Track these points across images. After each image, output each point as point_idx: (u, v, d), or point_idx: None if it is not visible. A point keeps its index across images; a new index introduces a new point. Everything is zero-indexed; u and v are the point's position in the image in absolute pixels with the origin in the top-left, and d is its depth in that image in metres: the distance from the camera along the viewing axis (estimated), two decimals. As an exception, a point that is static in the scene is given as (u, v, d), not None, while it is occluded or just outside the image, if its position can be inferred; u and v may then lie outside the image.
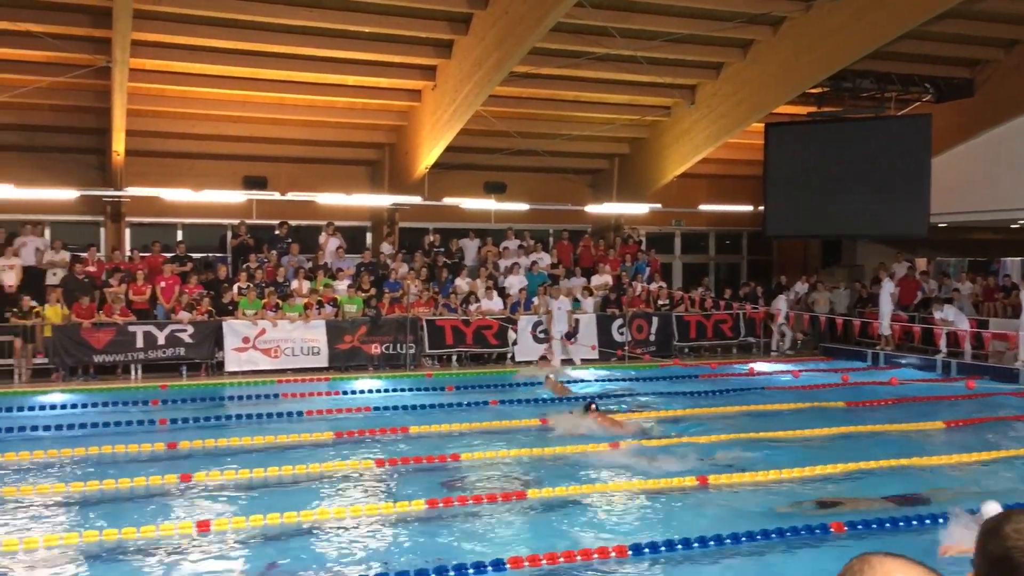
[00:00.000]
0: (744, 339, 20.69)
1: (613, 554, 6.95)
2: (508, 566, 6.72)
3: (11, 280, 16.90)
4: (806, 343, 21.00)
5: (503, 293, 19.32)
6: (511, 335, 18.43)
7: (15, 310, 15.85)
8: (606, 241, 22.91)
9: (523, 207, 21.60)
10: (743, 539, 7.26)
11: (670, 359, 19.17)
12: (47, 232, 18.92)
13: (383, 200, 20.84)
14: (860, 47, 17.43)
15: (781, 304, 20.54)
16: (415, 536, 7.67)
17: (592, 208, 22.75)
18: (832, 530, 7.52)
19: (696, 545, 7.15)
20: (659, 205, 22.73)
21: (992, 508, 6.07)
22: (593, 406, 11.84)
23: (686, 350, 20.09)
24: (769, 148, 21.41)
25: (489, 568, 6.68)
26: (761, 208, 22.34)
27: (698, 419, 12.77)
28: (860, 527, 7.59)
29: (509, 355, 18.55)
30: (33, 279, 17.11)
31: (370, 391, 15.24)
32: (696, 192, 23.67)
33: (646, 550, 7.02)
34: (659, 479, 9.26)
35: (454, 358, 18.37)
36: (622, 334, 19.35)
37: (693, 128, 20.76)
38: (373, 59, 17.72)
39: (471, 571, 6.64)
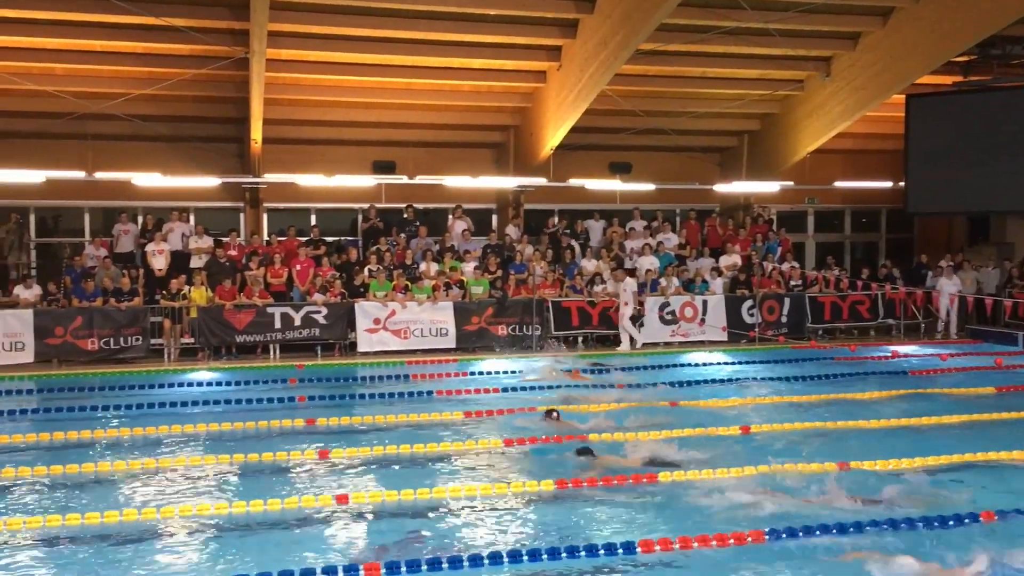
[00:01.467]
0: (883, 321, 19.81)
1: (749, 539, 6.79)
2: (639, 549, 6.66)
3: (160, 264, 17.83)
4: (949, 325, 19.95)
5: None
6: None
7: (164, 292, 16.74)
8: (735, 221, 22.35)
9: (649, 187, 21.29)
10: (885, 526, 6.98)
11: (806, 341, 18.55)
12: (192, 218, 19.87)
13: (508, 182, 20.93)
14: (1010, 11, 16.34)
15: (949, 286, 19.45)
16: (544, 516, 7.69)
17: (720, 187, 22.23)
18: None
19: (834, 531, 6.91)
20: (791, 183, 22.00)
21: None
22: (555, 414, 11.27)
23: (820, 332, 19.41)
24: (911, 121, 20.41)
25: (620, 550, 6.63)
26: (902, 184, 21.33)
27: (840, 404, 12.32)
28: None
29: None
30: (179, 263, 18.00)
31: (497, 372, 15.37)
32: (831, 168, 22.77)
33: (783, 535, 6.82)
34: (793, 462, 8.97)
35: (580, 339, 18.34)
36: (752, 316, 18.86)
37: (828, 102, 19.96)
38: (499, 41, 17.81)
39: (602, 552, 6.61)
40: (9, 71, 16.82)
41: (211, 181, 19.19)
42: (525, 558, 6.46)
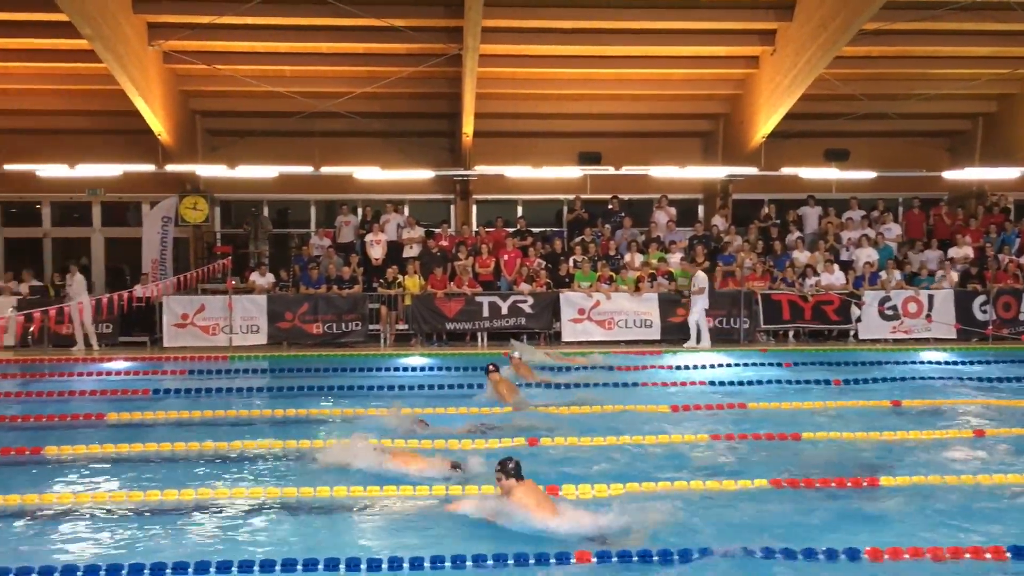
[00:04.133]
0: None
1: (988, 555, 6.26)
2: (865, 556, 6.29)
3: (377, 254, 18.76)
4: None
5: (846, 267, 18.19)
6: (855, 311, 17.31)
7: (382, 281, 17.60)
8: (966, 210, 20.71)
9: (868, 175, 20.12)
10: None
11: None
12: (406, 210, 20.77)
13: (717, 172, 20.43)
14: None
15: None
16: (757, 514, 7.41)
17: (950, 174, 20.66)
18: None
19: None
20: (1033, 168, 20.15)
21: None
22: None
23: (1065, 332, 17.66)
24: None
25: (842, 556, 6.30)
26: None
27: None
28: None
29: (852, 332, 17.45)
30: (394, 253, 18.87)
31: (703, 365, 15.05)
32: (1080, 152, 20.64)
33: (1027, 554, 6.24)
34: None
35: (791, 334, 17.64)
36: (985, 312, 17.43)
37: (1080, 78, 18.13)
38: (710, 28, 17.44)
39: (821, 557, 6.30)
40: (246, 74, 18.23)
41: (425, 174, 19.97)
42: (757, 555, 6.27)
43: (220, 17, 16.19)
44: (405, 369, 14.69)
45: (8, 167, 19.03)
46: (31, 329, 15.19)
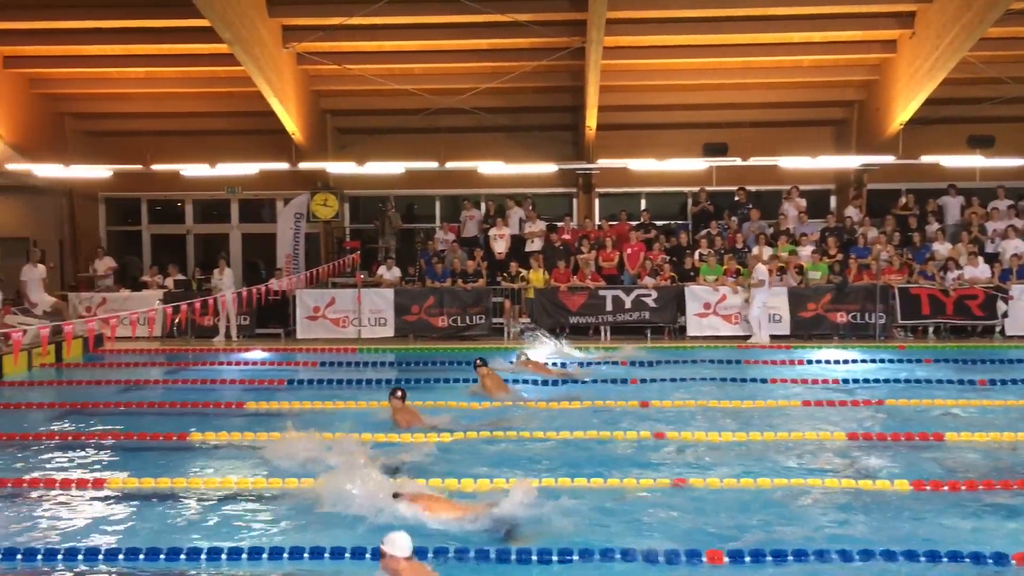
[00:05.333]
0: None
1: None
2: (1013, 562, 5.95)
3: (501, 248, 18.92)
4: None
5: (991, 259, 17.22)
6: (1001, 306, 16.37)
7: (505, 275, 17.74)
8: (1125, 198, 19.28)
9: (1015, 162, 18.96)
10: None
11: None
12: (529, 204, 20.83)
13: (851, 161, 19.68)
14: None
15: None
16: (894, 517, 7.10)
17: (1106, 160, 19.27)
18: None
19: None
20: None
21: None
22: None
23: None
24: None
25: (989, 560, 5.98)
26: None
27: None
28: None
29: (998, 328, 16.52)
30: (517, 247, 18.98)
31: (836, 361, 14.54)
32: None
33: None
34: None
35: (930, 329, 16.84)
36: None
37: None
38: (843, 11, 16.81)
39: (967, 561, 6.00)
40: (375, 73, 18.68)
41: (548, 168, 20.00)
42: (879, 557, 6.02)
43: (350, 18, 16.63)
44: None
45: (155, 167, 20.10)
46: (176, 321, 15.99)
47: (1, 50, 18.68)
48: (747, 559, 6.05)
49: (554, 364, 13.79)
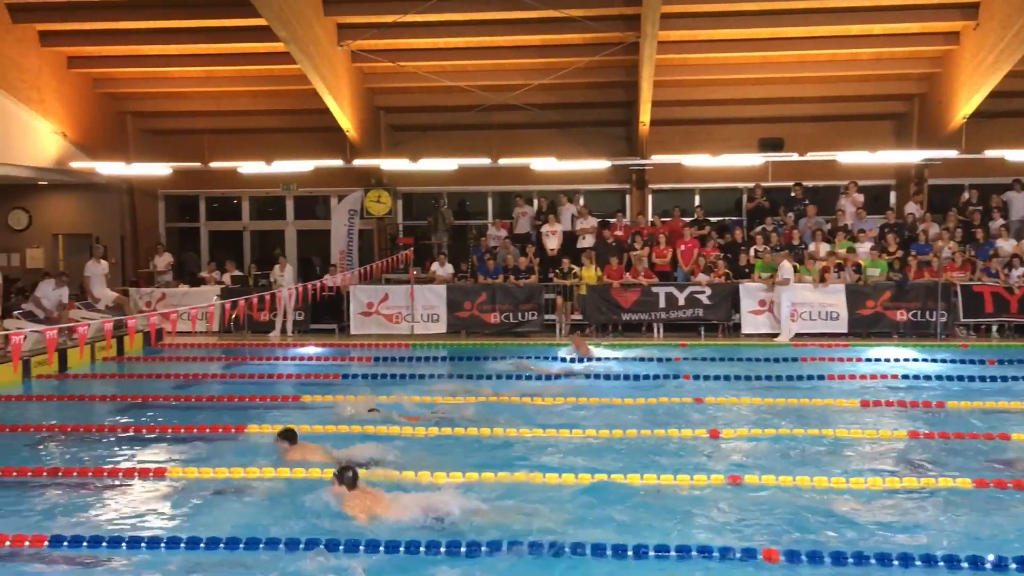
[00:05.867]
0: None
1: None
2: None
3: (553, 244, 18.88)
4: None
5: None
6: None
7: (557, 271, 17.71)
8: None
9: (1087, 155, 18.39)
10: None
11: None
12: (580, 200, 20.80)
13: (911, 156, 19.24)
14: None
15: None
16: (956, 518, 6.94)
17: None
18: None
19: None
20: None
21: None
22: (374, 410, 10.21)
23: None
24: None
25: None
26: None
27: None
28: None
29: (1066, 328, 16.06)
30: (569, 243, 18.92)
31: (895, 359, 14.26)
32: None
33: None
34: None
35: (994, 328, 16.41)
36: None
37: None
38: (904, 3, 16.42)
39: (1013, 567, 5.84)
40: (428, 70, 18.76)
41: (600, 164, 19.90)
42: (941, 564, 5.89)
43: (404, 16, 16.72)
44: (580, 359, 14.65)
45: (213, 165, 20.45)
46: (234, 316, 16.25)
47: (66, 51, 19.16)
48: (804, 559, 5.96)
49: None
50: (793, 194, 19.27)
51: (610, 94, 20.10)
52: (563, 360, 14.27)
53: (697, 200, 20.88)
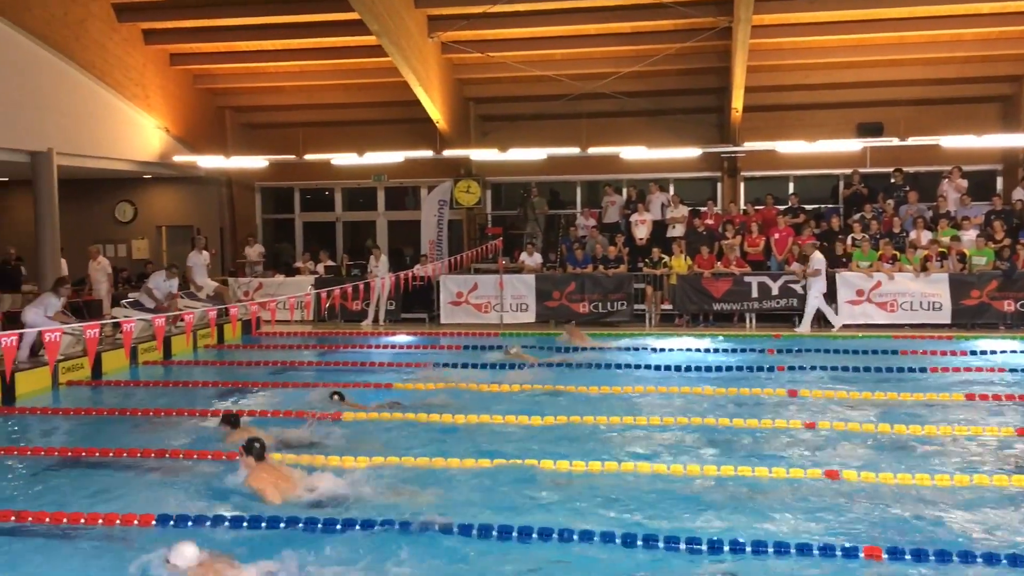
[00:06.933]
0: None
1: None
2: None
3: (642, 233, 18.71)
4: None
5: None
6: None
7: (647, 260, 17.55)
8: None
9: None
10: None
11: None
12: (671, 188, 20.54)
13: (1020, 139, 18.41)
14: None
15: None
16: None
17: None
18: None
19: None
20: None
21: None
22: (336, 396, 10.31)
23: None
24: None
25: None
26: None
27: None
28: None
29: None
30: (658, 232, 18.73)
31: (1002, 351, 13.70)
32: None
33: None
34: None
35: (1111, 320, 15.62)
36: None
37: None
38: (1012, -21, 15.70)
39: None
40: (517, 60, 18.80)
41: (691, 152, 19.61)
42: None
43: (493, 6, 16.77)
44: (670, 350, 14.47)
45: (308, 157, 20.92)
46: (329, 305, 16.61)
47: (168, 48, 19.86)
48: (907, 557, 5.78)
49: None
50: (893, 180, 18.65)
51: (701, 80, 19.79)
52: (559, 349, 14.37)
53: (791, 187, 20.42)
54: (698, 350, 14.43)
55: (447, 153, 20.21)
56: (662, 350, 14.39)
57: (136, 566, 5.69)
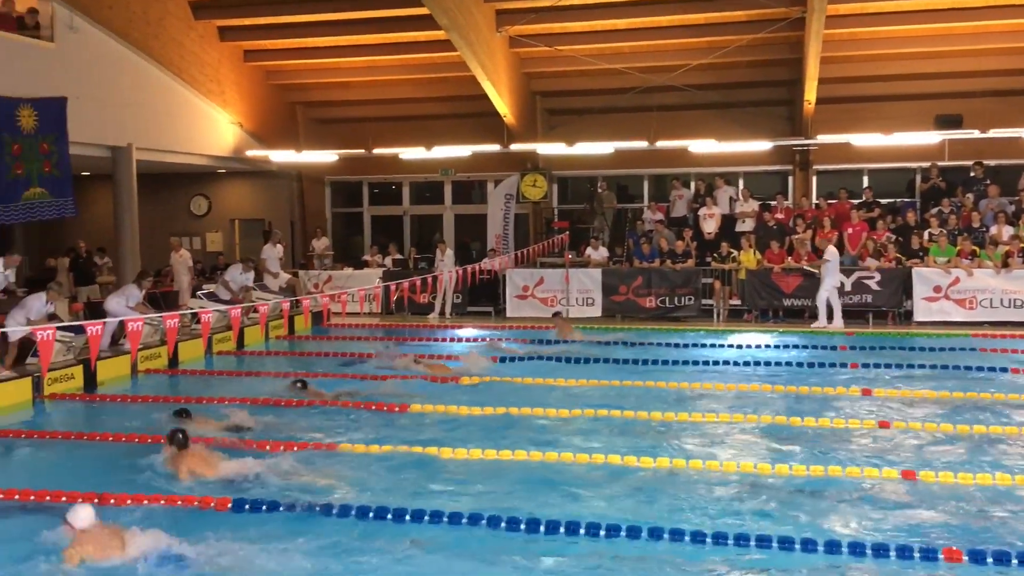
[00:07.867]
0: None
1: None
2: None
3: (710, 228, 18.49)
4: None
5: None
6: None
7: (715, 255, 17.34)
8: None
9: None
10: None
11: None
12: (740, 182, 20.24)
13: (1107, 131, 17.68)
14: None
15: None
16: None
17: None
18: None
19: None
20: None
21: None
22: (299, 384, 10.77)
23: None
24: None
25: None
26: None
27: None
28: None
29: None
30: (727, 227, 18.47)
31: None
32: None
33: None
34: None
35: None
36: None
37: None
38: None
39: None
40: (585, 53, 18.71)
41: (761, 145, 19.29)
42: None
43: (561, 0, 16.72)
44: (739, 346, 14.27)
45: (376, 151, 21.15)
46: (396, 297, 16.82)
47: (242, 45, 20.27)
48: (989, 560, 5.62)
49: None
50: (973, 173, 18.09)
51: (772, 72, 19.44)
52: (551, 342, 14.46)
53: (866, 181, 19.94)
54: (767, 346, 14.20)
55: (514, 147, 20.22)
56: (731, 346, 14.21)
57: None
